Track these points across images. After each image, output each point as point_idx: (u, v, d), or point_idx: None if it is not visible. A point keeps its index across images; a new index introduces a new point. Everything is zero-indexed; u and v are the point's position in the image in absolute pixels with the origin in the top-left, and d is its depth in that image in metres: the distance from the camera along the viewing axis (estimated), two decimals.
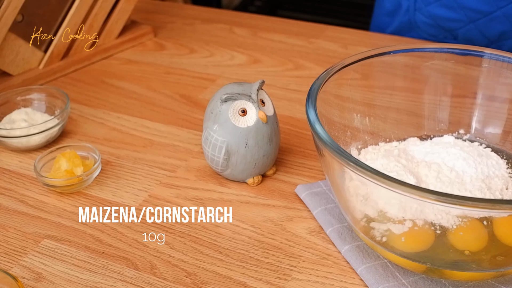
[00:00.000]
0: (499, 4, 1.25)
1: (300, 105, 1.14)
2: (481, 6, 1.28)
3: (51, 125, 1.02)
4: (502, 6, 1.25)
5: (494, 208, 0.64)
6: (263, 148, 0.90)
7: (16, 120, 1.04)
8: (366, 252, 0.80)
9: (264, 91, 0.92)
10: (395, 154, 0.83)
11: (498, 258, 0.70)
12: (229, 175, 0.93)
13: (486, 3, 1.26)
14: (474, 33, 1.32)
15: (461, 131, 0.92)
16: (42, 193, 0.94)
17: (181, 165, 0.99)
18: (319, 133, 0.73)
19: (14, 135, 1.00)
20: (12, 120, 1.05)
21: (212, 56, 1.34)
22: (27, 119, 1.05)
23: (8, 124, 1.04)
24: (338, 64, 0.85)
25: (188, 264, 0.81)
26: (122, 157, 1.02)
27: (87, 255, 0.84)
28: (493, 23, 1.29)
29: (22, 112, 1.06)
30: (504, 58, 0.86)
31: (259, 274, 0.80)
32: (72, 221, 0.89)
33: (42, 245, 0.85)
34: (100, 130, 1.09)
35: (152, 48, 1.38)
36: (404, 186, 0.64)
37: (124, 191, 0.94)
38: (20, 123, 1.03)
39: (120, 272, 0.81)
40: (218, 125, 0.90)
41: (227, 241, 0.85)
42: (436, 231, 0.71)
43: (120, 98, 1.19)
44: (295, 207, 0.90)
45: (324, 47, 1.35)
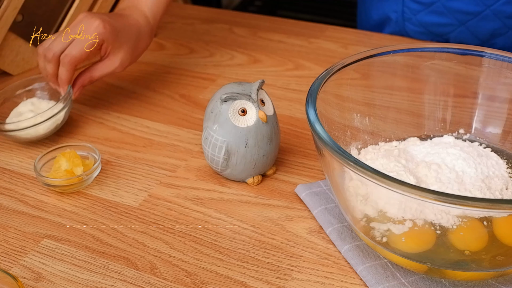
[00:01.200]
0: (487, 2, 1.26)
1: (300, 105, 1.14)
2: (470, 7, 1.28)
3: (56, 110, 1.02)
4: (491, 5, 1.26)
5: (494, 208, 0.64)
6: (263, 148, 0.91)
7: (23, 112, 1.04)
8: (366, 252, 0.80)
9: (264, 91, 0.92)
10: (395, 154, 0.83)
11: (498, 258, 0.70)
12: (229, 175, 0.94)
13: (474, 4, 1.27)
14: (466, 35, 1.32)
15: (461, 131, 0.92)
16: (42, 193, 0.95)
17: (181, 165, 0.99)
18: (319, 133, 0.73)
19: (22, 127, 1.00)
20: (19, 113, 1.05)
21: (212, 56, 1.34)
22: (33, 109, 1.05)
23: (15, 118, 1.04)
24: (338, 64, 0.85)
25: (188, 264, 0.82)
26: (122, 157, 1.02)
27: (87, 255, 0.84)
28: (483, 22, 1.30)
29: (28, 103, 1.06)
30: (504, 58, 0.86)
31: (259, 274, 0.80)
32: (72, 221, 0.89)
33: (42, 245, 0.85)
34: (100, 130, 1.09)
35: (152, 48, 1.38)
36: (404, 186, 0.64)
37: (124, 190, 0.95)
38: (27, 114, 1.03)
39: (120, 272, 0.81)
40: (218, 125, 0.90)
41: (227, 241, 0.85)
42: (436, 231, 0.71)
43: (120, 98, 1.19)
44: (295, 207, 0.90)
45: (324, 47, 1.36)
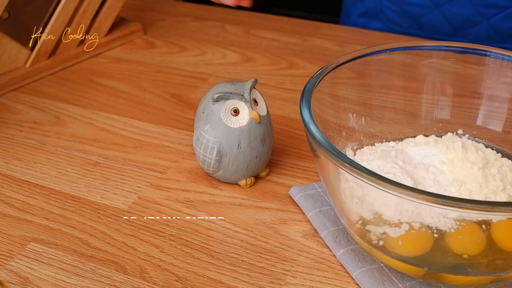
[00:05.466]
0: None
1: (294, 104, 1.14)
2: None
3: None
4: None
5: (493, 211, 0.64)
6: (256, 149, 0.90)
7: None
8: (362, 255, 0.80)
9: (257, 90, 0.92)
10: (392, 155, 0.83)
11: (497, 262, 0.70)
12: (221, 177, 0.93)
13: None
14: (440, 19, 1.33)
15: (459, 131, 0.92)
16: (28, 195, 0.94)
17: (172, 167, 0.99)
18: (313, 134, 0.73)
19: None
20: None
21: (204, 54, 1.34)
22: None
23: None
24: (333, 62, 0.85)
25: (179, 268, 0.81)
26: (111, 158, 1.02)
27: (75, 259, 0.83)
28: (457, 8, 1.31)
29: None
30: (504, 57, 0.86)
31: (252, 278, 0.80)
32: (59, 224, 0.89)
33: (29, 249, 0.85)
34: (88, 131, 1.09)
35: (142, 46, 1.38)
36: (400, 188, 0.64)
37: (113, 193, 0.94)
38: None
39: (109, 277, 0.81)
40: (210, 125, 0.90)
41: (219, 244, 0.85)
42: (433, 234, 0.71)
43: (109, 98, 1.18)
44: (288, 210, 0.90)
45: (319, 45, 1.36)
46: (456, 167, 0.80)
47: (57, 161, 1.01)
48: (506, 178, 0.79)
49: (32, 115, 1.13)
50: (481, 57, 0.88)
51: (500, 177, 0.79)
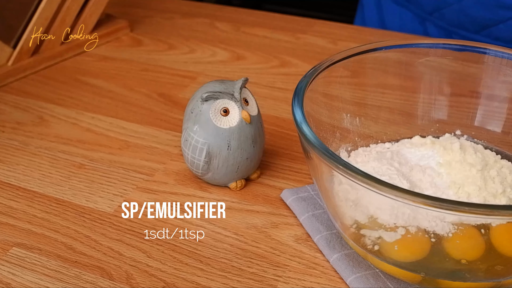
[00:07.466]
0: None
1: (286, 104, 1.14)
2: None
3: None
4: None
5: (492, 214, 0.64)
6: (247, 150, 0.90)
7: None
8: (357, 261, 0.80)
9: (248, 90, 0.92)
10: (388, 157, 0.83)
11: (497, 268, 0.70)
12: (210, 179, 0.93)
13: None
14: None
15: (457, 131, 0.92)
16: (11, 198, 0.94)
17: (159, 169, 0.99)
18: (306, 134, 0.73)
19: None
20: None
21: (193, 52, 1.34)
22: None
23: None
24: (327, 60, 0.85)
25: (167, 274, 0.81)
26: (96, 159, 1.01)
27: (59, 264, 0.83)
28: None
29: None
30: (503, 54, 0.86)
31: (242, 284, 0.79)
32: (43, 228, 0.88)
33: (11, 254, 0.84)
34: (73, 131, 1.08)
35: (128, 44, 1.37)
36: (396, 191, 0.64)
37: (99, 196, 0.94)
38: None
39: (94, 283, 0.80)
40: (199, 125, 0.89)
41: (208, 249, 0.84)
42: (430, 239, 0.71)
43: (95, 97, 1.18)
44: (280, 213, 0.90)
45: (312, 42, 1.36)
46: (454, 169, 0.80)
47: (40, 163, 1.00)
48: (506, 181, 0.79)
49: (15, 115, 1.12)
50: (479, 55, 0.88)
51: (499, 180, 0.79)
